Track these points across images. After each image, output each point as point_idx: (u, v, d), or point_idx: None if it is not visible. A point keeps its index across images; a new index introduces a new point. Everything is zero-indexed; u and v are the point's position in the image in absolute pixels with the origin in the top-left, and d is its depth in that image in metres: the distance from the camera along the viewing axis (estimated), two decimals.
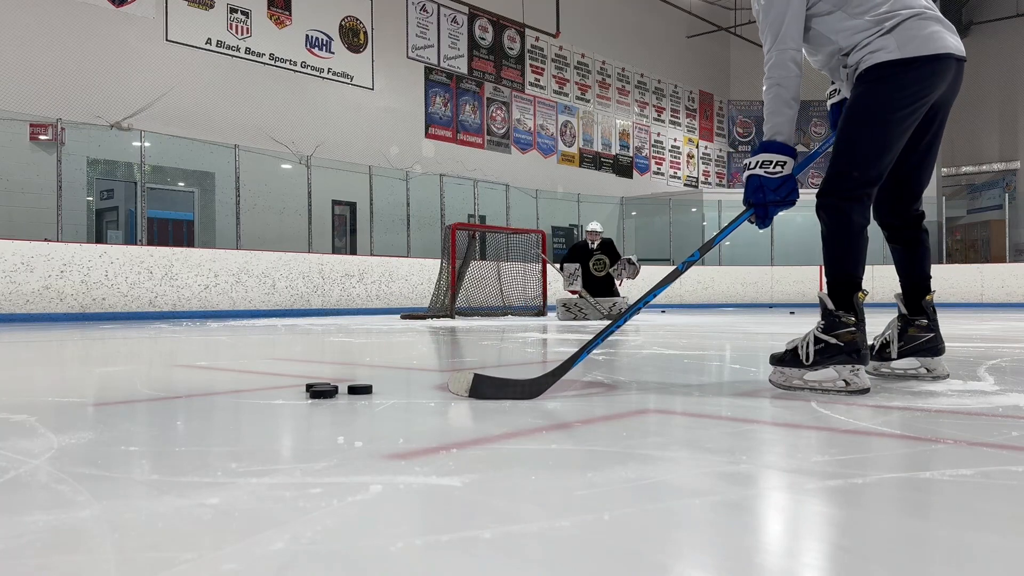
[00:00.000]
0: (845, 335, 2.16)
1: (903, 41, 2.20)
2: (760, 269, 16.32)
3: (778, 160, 2.24)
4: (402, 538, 0.92)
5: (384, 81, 14.51)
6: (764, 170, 2.25)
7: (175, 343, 4.98)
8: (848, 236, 2.23)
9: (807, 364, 2.20)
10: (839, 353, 2.16)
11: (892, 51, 2.20)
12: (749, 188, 2.29)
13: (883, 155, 2.24)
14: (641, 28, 20.30)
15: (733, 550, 0.89)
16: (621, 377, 2.72)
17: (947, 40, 2.24)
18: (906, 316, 2.53)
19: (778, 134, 2.27)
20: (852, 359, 2.15)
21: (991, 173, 22.84)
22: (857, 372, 2.15)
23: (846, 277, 2.23)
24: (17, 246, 8.56)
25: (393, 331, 6.27)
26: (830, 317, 2.21)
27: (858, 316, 2.19)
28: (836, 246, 2.25)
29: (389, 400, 2.12)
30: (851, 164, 2.24)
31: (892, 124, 2.22)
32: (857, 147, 2.25)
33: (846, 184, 2.24)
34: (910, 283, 2.54)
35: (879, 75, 2.22)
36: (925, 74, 2.21)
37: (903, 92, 2.21)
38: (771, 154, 2.25)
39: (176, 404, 2.14)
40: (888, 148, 2.23)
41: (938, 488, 1.20)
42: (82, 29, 10.71)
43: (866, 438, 1.57)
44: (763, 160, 2.25)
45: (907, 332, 2.51)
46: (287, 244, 11.75)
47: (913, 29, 2.21)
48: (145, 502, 1.09)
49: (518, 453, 1.43)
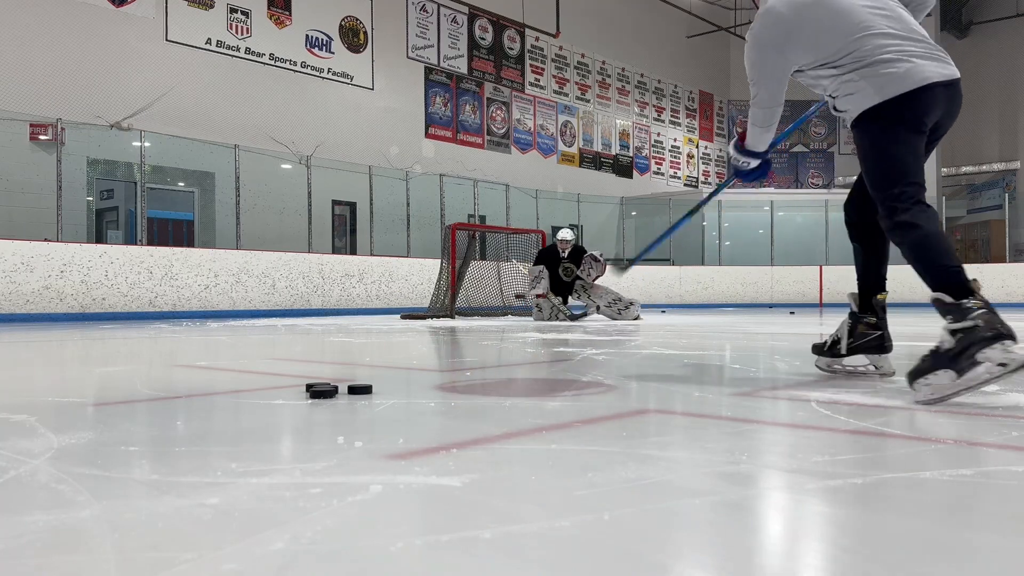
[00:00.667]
0: (981, 316, 2.01)
1: (880, 85, 2.25)
2: (760, 269, 16.31)
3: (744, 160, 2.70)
4: (402, 538, 0.92)
5: (384, 81, 14.51)
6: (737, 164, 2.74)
7: (175, 343, 4.98)
8: (929, 237, 2.17)
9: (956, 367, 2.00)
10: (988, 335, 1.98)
11: (871, 97, 2.27)
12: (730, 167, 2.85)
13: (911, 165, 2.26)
14: (641, 28, 20.29)
15: (733, 550, 0.89)
16: (621, 377, 2.72)
17: (926, 71, 2.24)
18: (856, 314, 2.64)
19: (750, 144, 2.64)
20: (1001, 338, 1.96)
21: (991, 173, 22.84)
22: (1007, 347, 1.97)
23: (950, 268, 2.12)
24: (17, 246, 8.56)
25: (393, 331, 6.27)
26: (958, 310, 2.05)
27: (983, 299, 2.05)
28: (925, 252, 2.18)
29: (389, 400, 2.12)
30: (889, 184, 2.25)
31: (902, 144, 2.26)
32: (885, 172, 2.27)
33: (897, 200, 2.22)
34: (865, 283, 2.64)
35: (866, 123, 2.31)
36: (910, 108, 2.24)
37: (899, 124, 2.26)
38: (746, 157, 2.69)
39: (176, 404, 2.14)
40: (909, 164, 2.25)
41: (938, 488, 1.20)
42: (82, 29, 10.70)
43: (866, 438, 1.57)
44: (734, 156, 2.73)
45: (856, 330, 2.62)
46: (287, 244, 11.74)
47: (885, 72, 2.24)
48: (145, 502, 1.09)
49: (518, 453, 1.43)
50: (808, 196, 18.49)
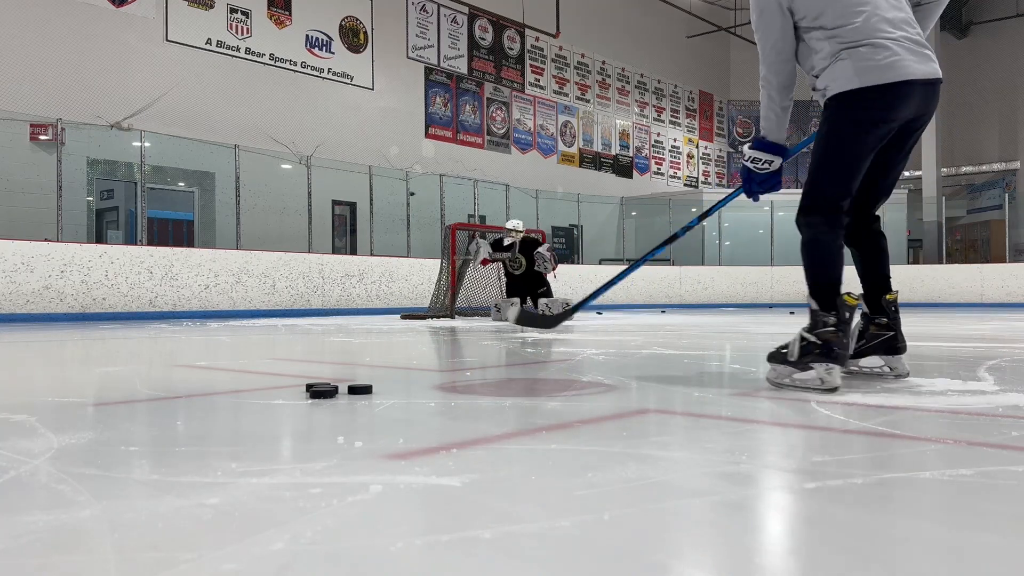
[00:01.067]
0: (824, 334, 2.28)
1: (860, 70, 2.29)
2: (760, 269, 16.31)
3: (767, 159, 2.50)
4: (402, 538, 0.92)
5: (384, 81, 14.51)
6: (754, 165, 2.52)
7: (175, 343, 4.98)
8: (824, 249, 2.40)
9: (791, 361, 2.33)
10: (818, 351, 2.28)
11: (851, 79, 2.30)
12: (743, 175, 2.60)
13: (850, 175, 2.37)
14: (641, 28, 20.29)
15: (733, 550, 0.89)
16: (621, 377, 2.72)
17: (908, 67, 2.28)
18: (867, 315, 2.63)
19: (769, 133, 2.49)
20: (827, 358, 2.26)
21: (991, 173, 22.83)
22: (831, 371, 2.25)
23: (825, 279, 2.36)
24: (17, 246, 8.56)
25: (393, 331, 6.27)
26: (814, 317, 2.35)
27: (839, 317, 2.29)
28: (813, 256, 2.41)
29: (389, 400, 2.12)
30: (822, 185, 2.40)
31: (856, 148, 2.35)
32: (826, 170, 2.39)
33: (819, 203, 2.39)
34: (869, 284, 2.65)
35: (840, 103, 2.34)
36: (886, 101, 2.29)
37: (864, 119, 2.32)
38: (762, 153, 2.50)
39: (176, 404, 2.14)
40: (855, 169, 2.37)
41: (938, 488, 1.20)
42: (82, 29, 10.70)
43: (866, 438, 1.57)
44: (754, 157, 2.52)
45: (868, 331, 2.60)
46: (287, 244, 11.74)
47: (869, 57, 2.28)
48: (145, 502, 1.09)
49: (518, 453, 1.43)
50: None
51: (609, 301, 14.97)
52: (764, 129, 2.52)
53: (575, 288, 14.65)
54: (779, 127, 2.51)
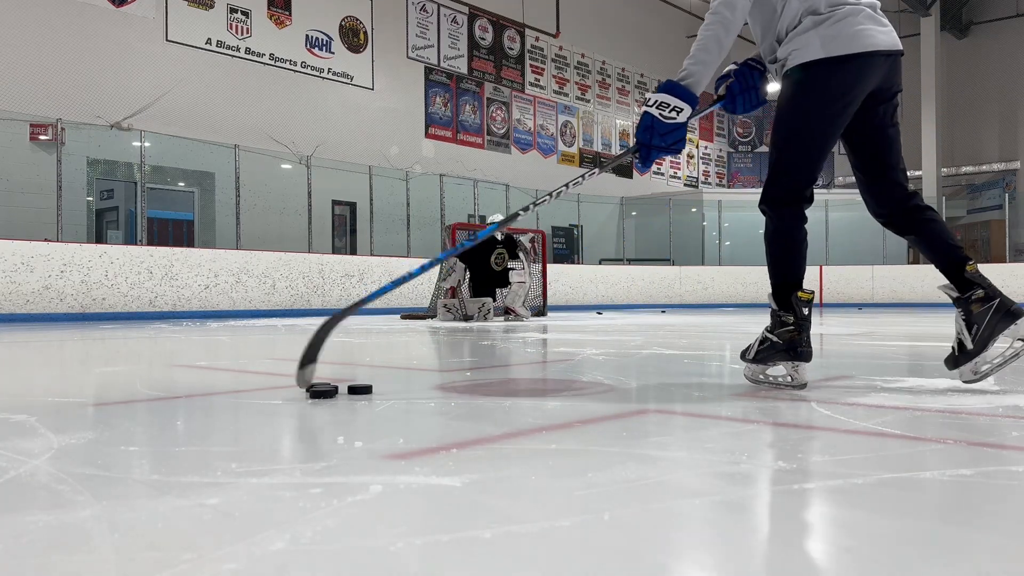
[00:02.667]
0: (784, 333, 2.29)
1: (827, 39, 2.18)
2: (760, 269, 16.11)
3: (676, 106, 2.17)
4: (402, 538, 0.92)
5: (384, 81, 14.51)
6: (660, 111, 2.18)
7: (175, 343, 4.98)
8: (785, 239, 2.33)
9: (749, 359, 2.36)
10: (780, 351, 2.29)
11: (815, 49, 2.18)
12: (641, 125, 2.23)
13: (812, 157, 2.26)
14: (641, 28, 20.29)
15: (733, 550, 0.89)
16: (621, 377, 2.72)
17: (875, 37, 2.19)
18: (961, 298, 2.26)
19: (689, 77, 2.18)
20: (790, 356, 2.27)
21: (991, 173, 22.83)
22: (797, 368, 2.27)
23: (784, 278, 2.33)
24: (17, 246, 8.56)
25: (393, 331, 6.27)
26: (774, 317, 2.34)
27: (797, 315, 2.28)
28: (775, 249, 2.35)
29: (389, 400, 2.12)
30: (783, 169, 2.30)
31: (818, 125, 2.23)
32: (787, 152, 2.29)
33: (779, 191, 2.31)
34: (941, 262, 2.31)
35: (802, 76, 2.22)
36: (849, 73, 2.18)
37: (826, 93, 2.20)
38: (672, 97, 2.17)
39: (176, 404, 2.14)
40: (816, 149, 2.26)
41: (938, 488, 1.20)
42: (82, 29, 10.70)
43: (866, 438, 1.57)
44: (661, 101, 2.17)
45: (972, 313, 2.23)
46: (287, 244, 11.74)
47: (837, 27, 2.18)
48: (145, 502, 1.09)
49: (518, 453, 1.43)
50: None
51: (609, 301, 14.98)
52: (687, 72, 2.18)
53: (575, 288, 14.66)
54: (705, 76, 2.20)
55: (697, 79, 2.19)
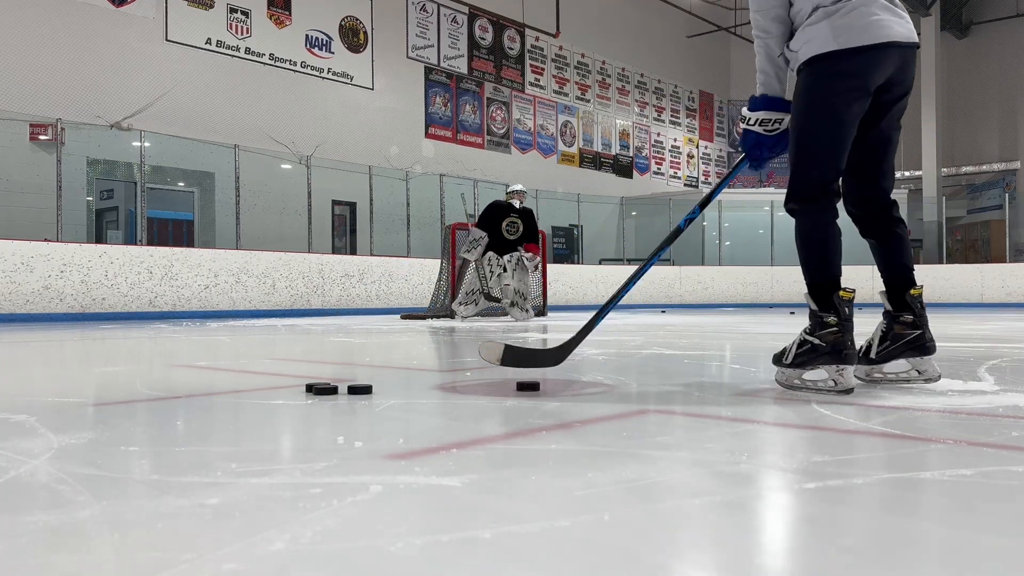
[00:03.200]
0: (828, 335, 2.18)
1: (838, 30, 2.16)
2: (760, 269, 16.31)
3: (776, 118, 2.32)
4: (402, 538, 0.92)
5: (384, 81, 14.51)
6: (763, 128, 2.32)
7: (175, 343, 4.98)
8: (818, 236, 2.26)
9: (787, 364, 2.24)
10: (823, 354, 2.18)
11: (827, 41, 2.17)
12: (747, 143, 2.36)
13: (834, 150, 2.24)
14: (641, 28, 20.29)
15: (733, 550, 0.89)
16: (621, 377, 2.72)
17: (890, 28, 2.16)
18: (891, 313, 2.37)
19: (769, 88, 2.31)
20: (835, 359, 2.16)
21: (991, 173, 22.83)
22: (842, 372, 2.16)
23: (823, 277, 2.25)
24: (17, 246, 8.56)
25: (393, 331, 6.27)
26: (814, 318, 2.23)
27: (841, 316, 2.18)
28: (809, 248, 2.28)
29: (389, 400, 2.12)
30: (806, 165, 2.26)
31: (836, 117, 2.21)
32: (807, 147, 2.26)
33: (805, 185, 2.26)
34: (889, 276, 2.40)
35: (815, 68, 2.21)
36: (861, 64, 2.16)
37: (841, 84, 2.18)
38: (770, 112, 2.31)
39: (176, 404, 2.14)
40: (838, 141, 2.23)
41: (938, 488, 1.20)
42: (82, 29, 10.70)
43: (866, 438, 1.57)
44: (762, 119, 2.32)
45: (892, 330, 2.34)
46: (287, 244, 11.74)
47: (850, 17, 2.16)
48: (145, 502, 1.09)
49: (518, 453, 1.43)
50: None
51: None
52: (764, 85, 2.30)
53: (575, 288, 14.66)
54: (780, 80, 2.31)
55: (775, 89, 2.32)
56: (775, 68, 2.30)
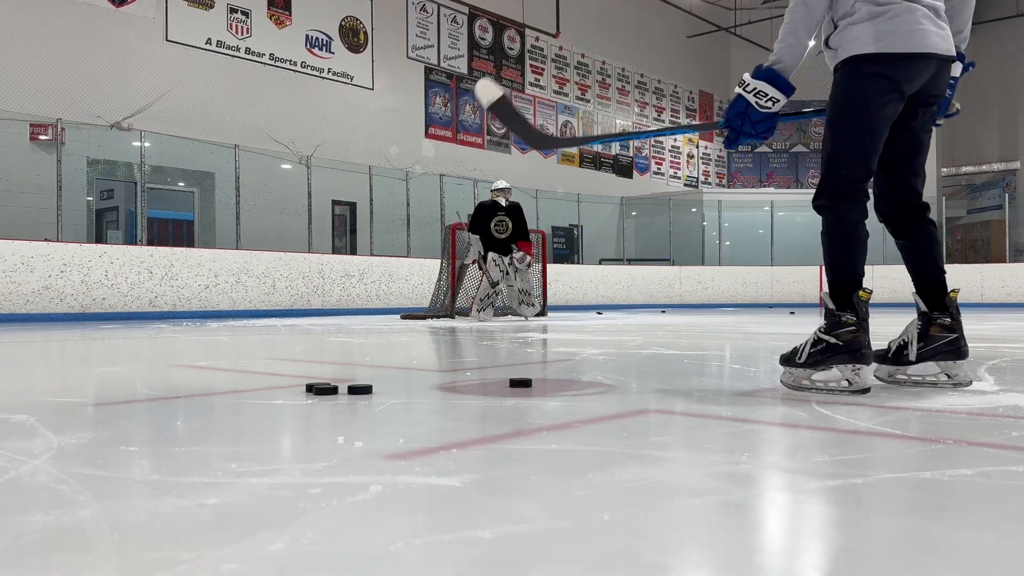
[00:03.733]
0: (845, 335, 2.15)
1: (880, 34, 2.15)
2: (760, 269, 16.31)
3: (772, 96, 2.21)
4: (402, 538, 0.92)
5: (384, 81, 14.50)
6: (756, 99, 2.21)
7: (175, 343, 4.98)
8: (844, 235, 2.23)
9: (800, 363, 2.21)
10: (839, 353, 2.15)
11: (867, 43, 2.16)
12: (734, 109, 2.25)
13: (866, 149, 2.22)
14: (641, 28, 20.29)
15: (733, 550, 0.89)
16: (621, 377, 2.72)
17: (930, 39, 2.17)
18: (927, 314, 2.33)
19: (780, 62, 2.20)
20: (852, 359, 2.14)
21: (991, 173, 22.82)
22: (858, 372, 2.14)
23: (845, 276, 2.22)
24: (17, 246, 8.56)
25: (393, 331, 6.27)
26: (831, 317, 2.20)
27: (859, 315, 2.17)
28: (834, 246, 2.25)
29: (389, 400, 2.12)
30: (837, 162, 2.24)
31: (870, 118, 2.20)
32: (840, 145, 2.25)
33: (836, 183, 2.24)
34: (922, 278, 2.38)
35: (852, 68, 2.20)
36: (899, 70, 2.16)
37: (876, 86, 2.18)
38: (770, 87, 2.20)
39: (176, 404, 2.14)
40: (870, 142, 2.22)
41: (938, 488, 1.20)
42: (82, 29, 10.70)
43: (866, 438, 1.57)
44: (759, 90, 2.21)
45: (928, 332, 2.31)
46: (287, 244, 11.74)
47: (893, 23, 2.15)
48: (145, 502, 1.09)
49: (518, 453, 1.43)
50: (808, 196, 18.29)
51: (609, 301, 14.98)
52: (780, 59, 2.19)
53: (575, 288, 14.66)
54: (796, 61, 2.21)
55: (788, 64, 2.20)
56: (799, 44, 2.20)
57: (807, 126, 22.36)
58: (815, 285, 15.93)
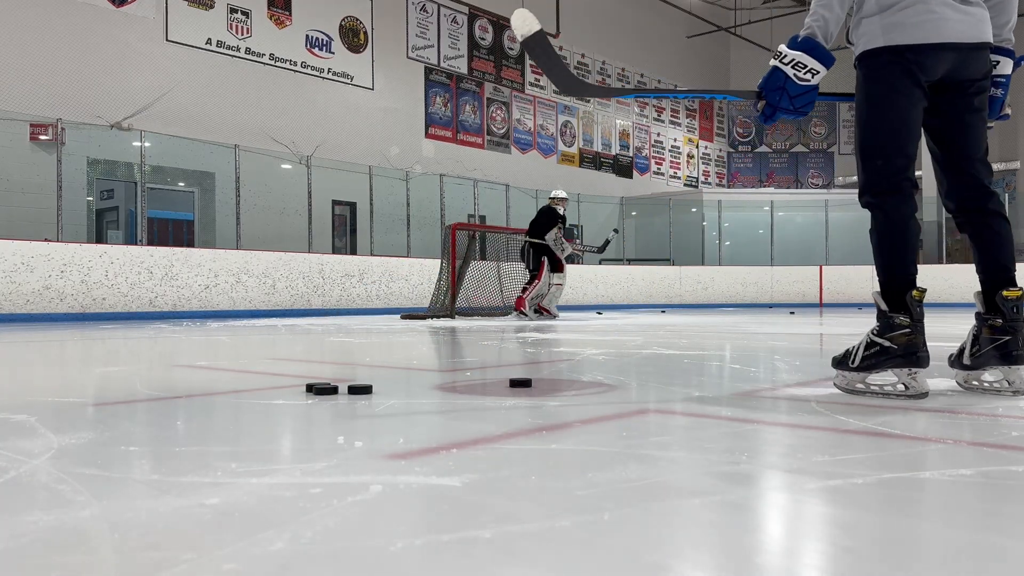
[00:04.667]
0: (899, 337, 2.07)
1: (888, 27, 2.11)
2: (760, 269, 16.31)
3: (812, 67, 2.09)
4: (402, 538, 0.92)
5: (384, 81, 14.50)
6: (794, 71, 2.10)
7: (175, 343, 4.98)
8: (892, 232, 2.14)
9: (853, 367, 2.13)
10: (894, 356, 2.07)
11: (876, 37, 2.12)
12: (771, 82, 2.13)
13: (896, 140, 2.14)
14: (641, 28, 20.29)
15: (733, 550, 0.89)
16: (621, 377, 2.72)
17: (945, 26, 2.08)
18: (981, 315, 2.21)
19: (817, 32, 2.09)
20: (908, 362, 2.05)
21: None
22: (915, 376, 2.06)
23: (898, 276, 2.12)
24: (17, 246, 8.56)
25: (393, 331, 6.27)
26: (884, 319, 2.11)
27: (913, 316, 2.07)
28: (884, 244, 2.15)
29: (389, 400, 2.12)
30: (870, 157, 2.17)
31: (891, 108, 2.15)
32: (868, 138, 2.19)
33: (874, 177, 2.16)
34: (983, 275, 2.24)
35: (867, 63, 2.17)
36: (910, 61, 2.10)
37: (890, 78, 2.13)
38: (809, 58, 2.09)
39: (176, 404, 2.14)
40: (898, 132, 2.14)
41: (938, 488, 1.20)
42: (82, 29, 10.70)
43: (866, 438, 1.57)
44: (798, 61, 2.09)
45: (982, 334, 2.19)
46: (287, 244, 11.74)
47: (902, 15, 2.10)
48: (145, 502, 1.09)
49: (518, 453, 1.43)
50: (808, 196, 18.49)
51: (609, 301, 14.98)
52: (818, 26, 2.08)
53: (575, 288, 14.65)
54: (833, 29, 2.10)
55: (825, 33, 2.10)
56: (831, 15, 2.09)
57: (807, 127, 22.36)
58: (815, 285, 15.93)
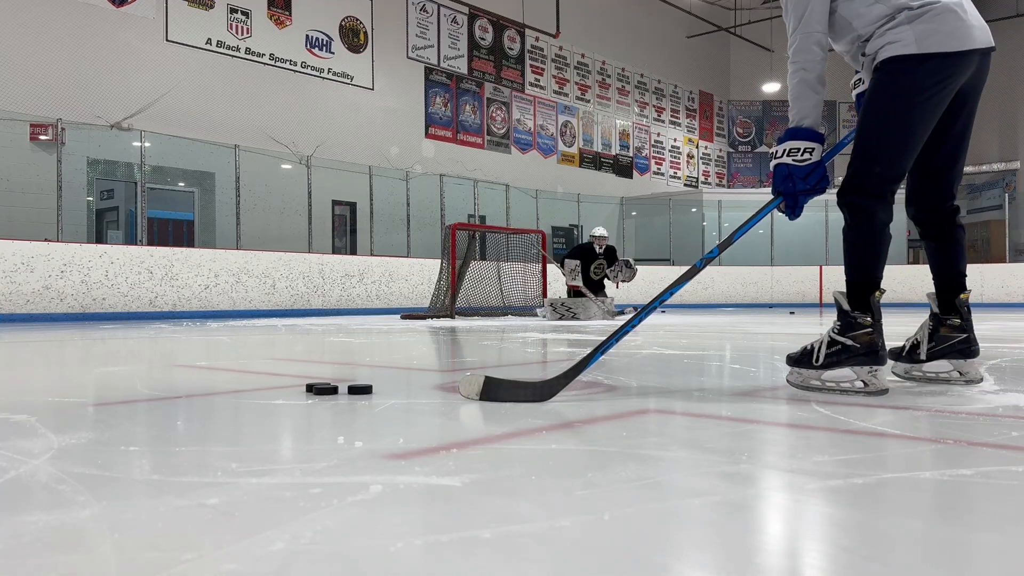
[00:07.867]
0: (861, 336, 2.13)
1: (922, 35, 2.13)
2: (760, 269, 16.31)
3: (806, 147, 2.18)
4: (402, 538, 0.92)
5: (384, 81, 14.51)
6: (792, 158, 2.19)
7: (175, 343, 4.98)
8: (870, 235, 2.19)
9: (817, 365, 2.18)
10: (856, 355, 2.13)
11: (909, 44, 2.13)
12: (778, 177, 2.22)
13: (904, 150, 2.19)
14: (641, 28, 20.29)
15: (733, 550, 0.89)
16: (621, 377, 2.72)
17: (972, 34, 2.15)
18: (938, 315, 2.39)
19: (804, 119, 2.21)
20: (870, 360, 2.12)
21: (991, 173, 22.82)
22: (875, 373, 2.12)
23: (865, 277, 2.18)
24: (17, 246, 8.56)
25: (393, 331, 6.27)
26: (846, 318, 2.17)
27: (874, 316, 2.15)
28: (857, 245, 2.21)
29: (389, 400, 2.12)
30: (871, 161, 2.20)
31: (911, 118, 2.17)
32: (876, 143, 2.20)
33: (867, 181, 2.19)
34: (942, 281, 2.40)
35: (895, 68, 2.17)
36: (942, 69, 2.14)
37: (920, 86, 2.15)
38: (798, 141, 2.19)
39: (176, 404, 2.14)
40: (908, 143, 2.18)
41: (938, 488, 1.20)
42: (82, 29, 10.70)
43: (866, 438, 1.57)
44: (790, 148, 2.20)
45: (938, 332, 2.37)
46: (287, 244, 11.74)
47: (935, 23, 2.13)
48: (145, 502, 1.09)
49: (518, 453, 1.43)
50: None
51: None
52: (799, 114, 2.21)
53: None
54: (816, 111, 2.21)
55: (811, 118, 2.21)
56: (813, 95, 2.20)
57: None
58: (815, 285, 15.93)
